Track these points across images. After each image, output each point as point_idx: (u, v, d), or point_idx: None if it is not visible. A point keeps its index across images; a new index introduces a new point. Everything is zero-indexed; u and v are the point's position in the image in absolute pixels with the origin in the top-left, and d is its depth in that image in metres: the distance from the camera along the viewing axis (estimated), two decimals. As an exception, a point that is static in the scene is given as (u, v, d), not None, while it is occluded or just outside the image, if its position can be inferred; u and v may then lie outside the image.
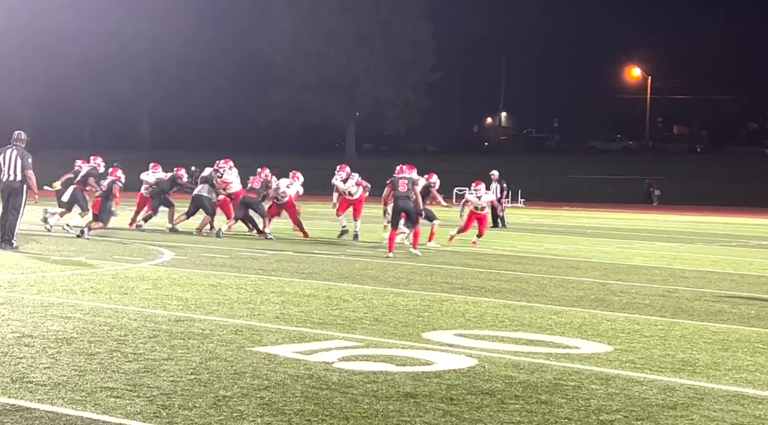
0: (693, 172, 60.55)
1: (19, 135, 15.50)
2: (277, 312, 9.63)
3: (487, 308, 10.43)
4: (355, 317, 9.46)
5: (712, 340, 8.89)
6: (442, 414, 5.86)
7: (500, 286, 12.60)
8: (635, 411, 6.10)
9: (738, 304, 11.54)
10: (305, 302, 10.39)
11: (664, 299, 11.76)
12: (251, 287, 11.57)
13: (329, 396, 6.21)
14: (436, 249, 18.19)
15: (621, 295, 12.11)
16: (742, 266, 16.89)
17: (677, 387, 6.83)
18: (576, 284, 13.16)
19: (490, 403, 6.18)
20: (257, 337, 8.20)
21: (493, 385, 6.67)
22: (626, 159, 73.39)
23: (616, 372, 7.29)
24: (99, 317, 8.92)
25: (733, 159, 69.66)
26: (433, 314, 9.85)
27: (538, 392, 6.53)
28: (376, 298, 10.96)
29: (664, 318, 10.14)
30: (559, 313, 10.25)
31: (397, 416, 5.79)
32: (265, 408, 5.88)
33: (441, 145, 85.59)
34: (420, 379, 6.76)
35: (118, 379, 6.46)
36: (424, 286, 12.32)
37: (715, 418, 6.02)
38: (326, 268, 14.18)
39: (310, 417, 5.71)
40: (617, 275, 14.67)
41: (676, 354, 8.13)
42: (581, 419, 5.89)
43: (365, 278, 13.06)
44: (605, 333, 9.04)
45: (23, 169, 15.26)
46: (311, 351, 7.65)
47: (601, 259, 17.37)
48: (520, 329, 9.16)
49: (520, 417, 5.87)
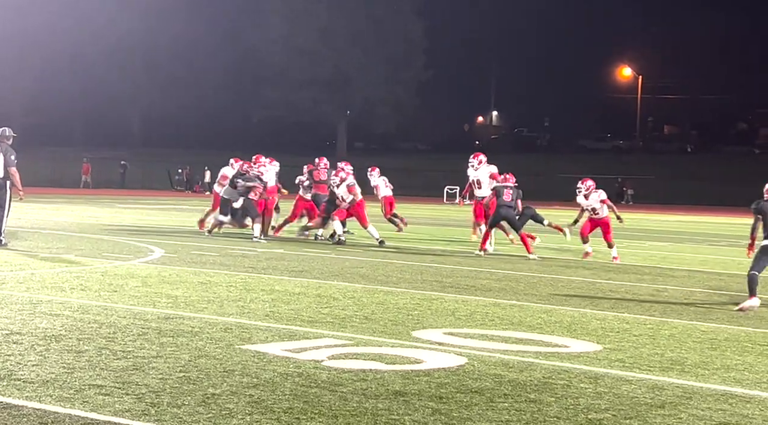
0: (683, 171, 60.74)
1: (3, 132, 15.42)
2: (266, 310, 9.62)
3: (477, 307, 10.43)
4: (345, 316, 9.46)
5: (700, 339, 8.91)
6: (431, 413, 5.87)
7: (490, 285, 12.61)
8: (624, 410, 6.12)
9: (727, 304, 11.57)
10: (295, 301, 10.39)
11: (653, 299, 11.78)
12: (241, 285, 11.55)
13: (318, 394, 6.20)
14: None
15: (610, 294, 12.13)
16: (731, 266, 16.94)
17: (666, 386, 6.85)
18: (566, 283, 13.18)
19: (479, 402, 6.18)
20: (247, 335, 8.19)
21: (482, 384, 6.68)
22: (616, 158, 73.57)
23: (605, 370, 7.30)
24: (88, 315, 8.89)
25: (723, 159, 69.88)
26: (423, 313, 9.85)
27: (527, 391, 6.53)
28: (366, 296, 10.96)
29: (654, 317, 10.17)
30: (548, 312, 10.27)
31: (386, 414, 5.79)
32: (254, 406, 5.87)
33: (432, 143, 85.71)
34: (409, 377, 6.76)
35: (107, 377, 6.45)
36: (414, 284, 12.32)
37: (703, 417, 6.04)
38: (316, 266, 14.18)
39: (299, 415, 5.71)
40: (607, 274, 14.70)
41: (665, 353, 8.15)
42: (570, 418, 5.90)
43: (355, 276, 13.05)
44: (594, 332, 9.05)
45: (6, 166, 15.20)
46: (301, 349, 7.64)
47: (591, 258, 17.40)
48: (509, 327, 9.17)
49: (509, 416, 5.87)
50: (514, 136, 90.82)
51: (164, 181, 60.26)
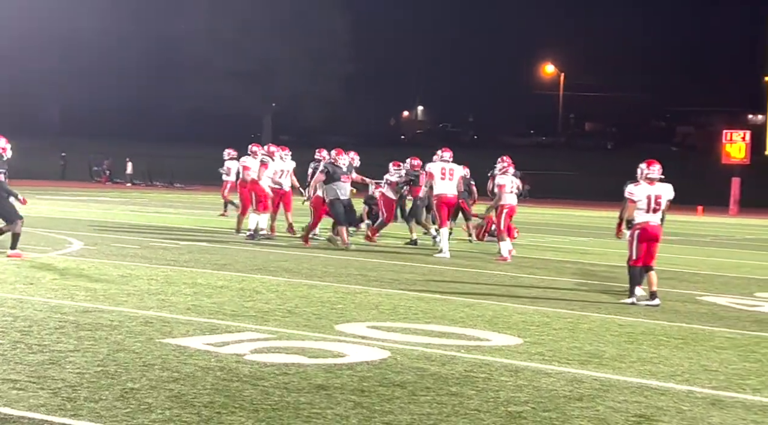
0: (603, 168, 61.84)
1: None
2: (188, 304, 9.50)
3: (401, 301, 10.47)
4: (268, 309, 9.40)
5: (618, 333, 9.09)
6: (353, 406, 5.87)
7: (414, 279, 12.67)
8: (543, 403, 6.20)
9: (646, 297, 11.81)
10: (217, 294, 10.29)
11: (573, 293, 11.98)
12: (162, 278, 11.40)
13: (240, 388, 6.15)
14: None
15: (532, 288, 12.29)
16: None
17: (584, 379, 6.97)
18: (489, 277, 13.31)
19: (401, 395, 6.20)
20: (167, 329, 8.08)
21: (404, 377, 6.70)
22: (539, 154, 74.57)
23: (525, 364, 7.40)
24: (2, 308, 8.67)
25: (641, 156, 71.22)
26: (347, 307, 9.85)
27: (449, 384, 6.58)
28: (289, 290, 10.91)
29: (573, 311, 10.33)
30: (471, 306, 10.36)
31: (308, 408, 5.77)
32: (173, 400, 5.79)
33: (358, 137, 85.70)
34: (332, 371, 6.75)
35: (21, 371, 6.29)
36: (338, 278, 12.31)
37: (619, 409, 6.16)
38: (240, 259, 14.06)
39: (219, 409, 5.65)
40: (529, 268, 14.89)
41: (584, 346, 8.29)
42: (490, 410, 5.96)
43: (279, 270, 12.99)
44: (516, 326, 9.16)
45: None
46: (223, 342, 7.57)
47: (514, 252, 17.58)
48: (432, 321, 9.22)
49: (430, 409, 5.91)
50: (440, 131, 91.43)
51: (83, 172, 59.11)
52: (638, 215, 11.11)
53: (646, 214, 11.07)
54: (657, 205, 11.08)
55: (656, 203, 11.08)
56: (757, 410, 6.32)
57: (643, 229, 11.08)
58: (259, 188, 17.67)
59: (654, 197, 11.08)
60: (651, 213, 11.08)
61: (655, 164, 11.26)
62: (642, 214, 11.08)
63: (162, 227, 19.69)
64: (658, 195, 11.09)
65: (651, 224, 11.10)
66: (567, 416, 5.91)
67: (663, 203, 11.14)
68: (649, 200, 11.06)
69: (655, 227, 11.13)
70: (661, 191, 11.15)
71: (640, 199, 11.08)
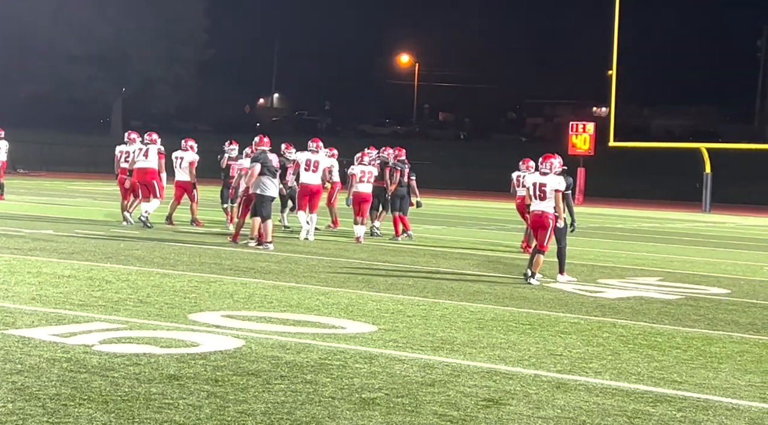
0: (456, 158, 63.08)
1: None
2: (33, 294, 9.17)
3: (256, 289, 10.41)
4: (119, 299, 9.18)
5: (469, 319, 9.31)
6: (206, 396, 5.80)
7: (270, 267, 12.61)
8: (396, 389, 6.29)
9: (494, 285, 12.14)
10: (64, 283, 9.96)
11: (426, 280, 12.18)
12: (4, 267, 10.95)
13: (88, 379, 5.99)
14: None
15: (386, 276, 12.44)
16: (500, 248, 17.77)
17: (436, 365, 7.10)
18: (344, 265, 13.38)
19: (255, 384, 6.17)
20: (10, 319, 7.78)
21: (259, 366, 6.67)
22: (395, 143, 75.32)
23: (379, 351, 7.48)
24: None
25: (493, 146, 73.17)
26: (201, 296, 9.71)
27: (304, 372, 6.59)
28: (141, 279, 10.67)
29: (427, 298, 10.51)
30: (326, 294, 10.39)
31: (160, 398, 5.67)
32: (17, 392, 5.58)
33: (212, 124, 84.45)
34: (185, 361, 6.65)
35: None
36: (191, 267, 12.12)
37: (469, 393, 6.31)
38: (88, 248, 13.66)
39: (66, 401, 5.48)
40: (384, 256, 15.05)
41: (436, 332, 8.45)
42: (344, 397, 6.00)
43: (130, 258, 12.68)
44: (370, 313, 9.26)
45: None
46: (70, 333, 7.35)
47: (368, 241, 17.75)
48: (288, 310, 9.21)
49: (284, 397, 5.90)
50: (295, 118, 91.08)
51: None
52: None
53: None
54: (542, 193, 12.32)
55: (540, 191, 12.34)
56: (598, 392, 6.59)
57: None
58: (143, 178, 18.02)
59: (538, 185, 12.35)
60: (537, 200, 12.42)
61: (550, 158, 12.50)
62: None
63: (2, 215, 18.90)
64: (542, 184, 12.34)
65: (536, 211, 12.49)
66: (419, 401, 6.02)
67: (547, 191, 12.30)
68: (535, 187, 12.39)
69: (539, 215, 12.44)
70: (546, 181, 12.36)
71: (528, 187, 12.55)
